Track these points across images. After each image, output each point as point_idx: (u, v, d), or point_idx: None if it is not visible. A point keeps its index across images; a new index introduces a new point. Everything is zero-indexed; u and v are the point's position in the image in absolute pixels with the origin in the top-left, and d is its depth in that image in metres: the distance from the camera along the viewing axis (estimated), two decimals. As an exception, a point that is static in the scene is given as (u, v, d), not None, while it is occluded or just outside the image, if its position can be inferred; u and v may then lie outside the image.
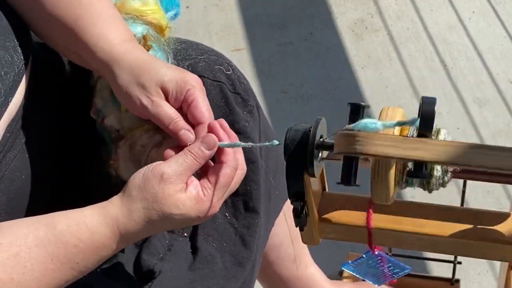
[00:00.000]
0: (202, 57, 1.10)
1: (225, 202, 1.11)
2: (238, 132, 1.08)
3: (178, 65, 1.09)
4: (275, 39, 2.31)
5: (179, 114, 0.89)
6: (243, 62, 2.22)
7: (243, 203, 1.11)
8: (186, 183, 0.84)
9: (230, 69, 1.11)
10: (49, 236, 0.82)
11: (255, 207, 1.11)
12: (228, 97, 1.08)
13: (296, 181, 0.78)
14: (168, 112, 0.89)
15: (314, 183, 0.82)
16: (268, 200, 1.18)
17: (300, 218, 0.81)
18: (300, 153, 0.77)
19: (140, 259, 1.05)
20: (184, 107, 0.90)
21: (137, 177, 0.85)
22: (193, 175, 0.86)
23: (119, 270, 1.03)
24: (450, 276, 1.51)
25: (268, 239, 1.25)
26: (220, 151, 0.87)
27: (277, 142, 0.85)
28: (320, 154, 0.78)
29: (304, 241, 0.88)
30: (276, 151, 1.19)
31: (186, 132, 0.88)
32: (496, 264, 1.71)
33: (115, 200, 0.85)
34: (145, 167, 0.85)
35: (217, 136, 0.87)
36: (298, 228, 0.84)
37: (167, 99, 0.89)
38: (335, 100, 2.12)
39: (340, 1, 2.41)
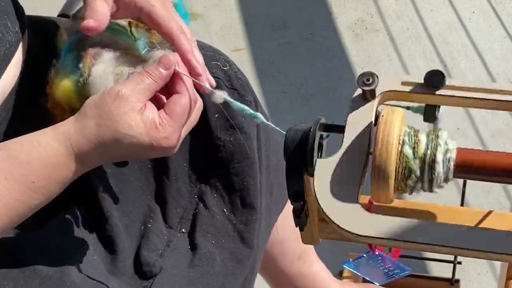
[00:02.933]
0: None
1: (223, 198, 1.11)
2: (234, 127, 1.08)
3: None
4: (275, 39, 2.31)
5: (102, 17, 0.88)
6: (243, 62, 2.22)
7: (240, 199, 1.11)
8: (145, 105, 0.83)
9: (227, 65, 1.11)
10: (2, 155, 0.82)
11: (252, 203, 1.11)
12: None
13: (296, 181, 0.78)
14: (98, 9, 0.88)
15: (314, 183, 0.82)
16: (270, 196, 1.18)
17: (300, 218, 0.81)
18: (300, 153, 0.77)
19: (140, 255, 1.05)
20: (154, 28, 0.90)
21: (93, 97, 0.84)
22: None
23: (120, 266, 1.03)
24: (450, 276, 1.51)
25: (271, 234, 1.25)
26: (175, 82, 0.86)
27: (261, 117, 0.87)
28: (320, 154, 0.78)
29: (304, 241, 0.88)
30: (277, 146, 1.19)
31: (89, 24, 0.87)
32: (496, 264, 1.71)
33: (70, 118, 0.84)
34: (104, 90, 0.84)
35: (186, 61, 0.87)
36: (298, 228, 0.84)
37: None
38: (335, 100, 2.11)
39: (340, 1, 2.41)
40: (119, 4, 0.89)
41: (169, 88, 0.87)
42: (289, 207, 1.25)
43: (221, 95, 0.90)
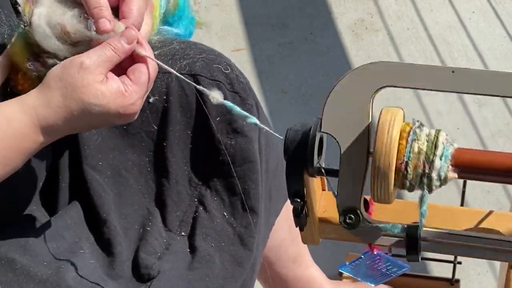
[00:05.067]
0: (201, 56, 1.10)
1: (223, 201, 1.11)
2: (235, 131, 1.08)
3: (175, 64, 1.09)
4: (275, 39, 2.31)
5: (108, 5, 0.89)
6: (243, 62, 2.22)
7: (241, 202, 1.11)
8: (106, 77, 0.85)
9: (229, 68, 1.10)
10: None
11: (253, 207, 1.11)
12: (226, 96, 1.08)
13: (296, 181, 0.78)
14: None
15: (314, 183, 0.82)
16: (269, 200, 1.18)
17: (300, 218, 0.81)
18: (300, 153, 0.77)
19: (138, 258, 1.04)
20: (119, 4, 0.90)
21: (55, 68, 0.85)
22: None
23: (118, 269, 1.03)
24: (450, 276, 1.51)
25: (268, 239, 1.25)
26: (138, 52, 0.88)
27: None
28: (320, 154, 0.78)
29: (304, 241, 0.88)
30: (277, 150, 1.19)
31: (105, 22, 0.88)
32: (496, 264, 1.71)
33: (33, 91, 0.85)
34: (65, 60, 0.85)
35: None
36: (298, 228, 0.84)
37: None
38: (335, 100, 2.11)
39: (340, 1, 2.41)
40: None
41: (131, 56, 0.88)
42: (283, 211, 1.25)
43: (217, 97, 0.90)
